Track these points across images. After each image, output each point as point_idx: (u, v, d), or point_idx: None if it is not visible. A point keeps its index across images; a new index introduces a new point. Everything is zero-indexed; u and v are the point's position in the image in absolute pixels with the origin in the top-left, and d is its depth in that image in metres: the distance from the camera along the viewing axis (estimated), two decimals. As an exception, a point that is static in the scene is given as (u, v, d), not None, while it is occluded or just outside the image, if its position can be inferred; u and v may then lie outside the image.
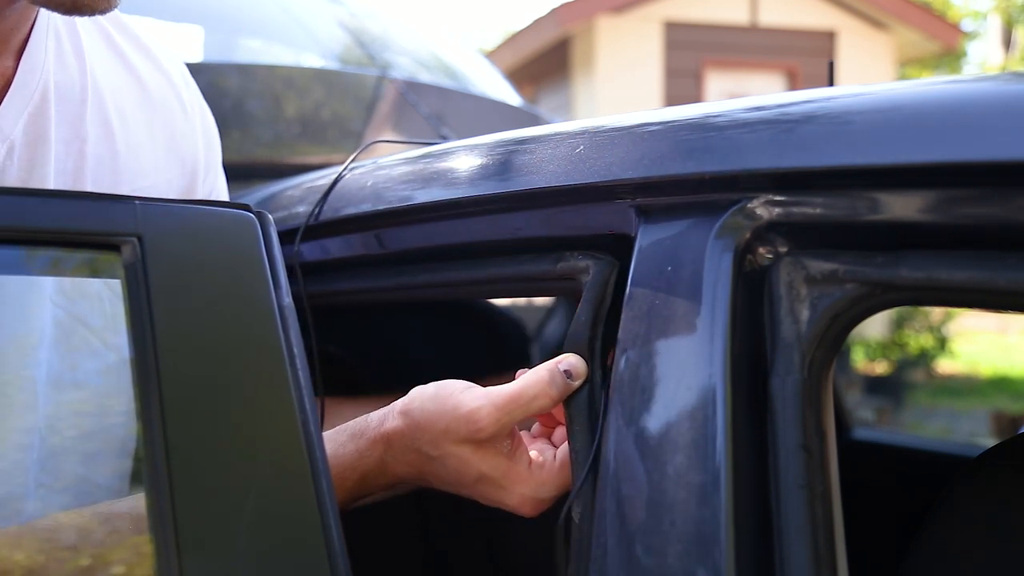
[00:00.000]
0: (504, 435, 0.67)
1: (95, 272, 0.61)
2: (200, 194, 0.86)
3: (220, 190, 0.91)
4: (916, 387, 6.99)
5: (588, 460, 0.63)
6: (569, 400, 0.66)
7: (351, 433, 0.71)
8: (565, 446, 0.69)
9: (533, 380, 0.66)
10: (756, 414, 0.57)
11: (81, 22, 0.76)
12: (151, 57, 0.82)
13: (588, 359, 0.67)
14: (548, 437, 0.74)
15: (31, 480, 0.59)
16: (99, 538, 0.57)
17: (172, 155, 0.82)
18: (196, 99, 0.87)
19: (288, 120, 1.60)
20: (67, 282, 0.63)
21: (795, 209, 0.58)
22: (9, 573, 0.53)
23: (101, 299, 0.64)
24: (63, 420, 0.62)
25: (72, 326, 0.63)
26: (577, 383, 0.66)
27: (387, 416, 0.70)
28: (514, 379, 0.68)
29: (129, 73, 0.80)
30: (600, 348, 0.67)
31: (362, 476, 0.70)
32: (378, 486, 0.72)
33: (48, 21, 0.72)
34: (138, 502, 0.53)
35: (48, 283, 0.63)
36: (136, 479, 0.60)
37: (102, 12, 0.64)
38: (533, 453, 0.69)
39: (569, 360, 0.66)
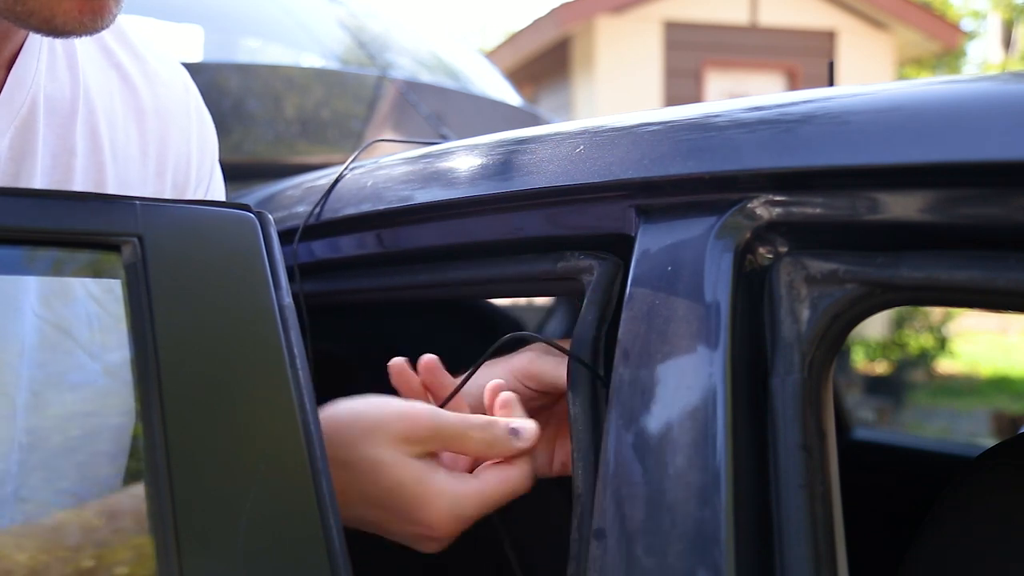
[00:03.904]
0: (425, 451, 0.65)
1: (95, 272, 0.61)
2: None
3: (213, 196, 0.90)
4: (916, 387, 6.99)
5: (590, 460, 0.63)
6: (571, 400, 0.66)
7: None
8: (486, 469, 0.67)
9: (478, 423, 0.65)
10: (756, 414, 0.57)
11: None
12: (148, 65, 0.82)
13: (593, 359, 0.66)
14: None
15: (9, 491, 0.59)
16: (101, 537, 0.57)
17: (164, 167, 0.81)
18: (194, 106, 0.86)
19: (288, 120, 1.60)
20: (48, 288, 0.63)
21: (795, 209, 0.58)
22: (11, 573, 0.53)
23: (84, 305, 0.63)
24: (43, 427, 0.61)
25: (52, 333, 0.63)
26: (522, 445, 0.65)
27: None
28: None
29: (124, 83, 0.79)
30: (605, 348, 0.67)
31: None
32: None
33: None
34: (139, 501, 0.53)
35: (29, 289, 0.63)
36: (122, 484, 0.60)
37: (88, 33, 0.62)
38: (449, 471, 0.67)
39: (524, 423, 0.65)
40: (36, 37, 0.71)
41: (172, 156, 0.82)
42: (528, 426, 0.65)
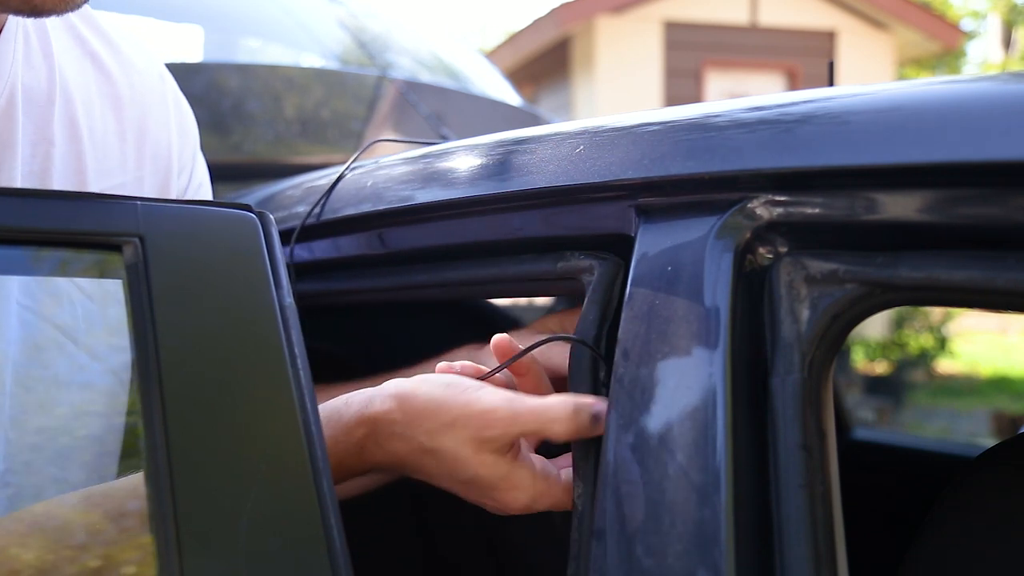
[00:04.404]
0: (508, 443, 0.65)
1: (97, 273, 0.61)
2: (175, 190, 0.85)
3: (197, 185, 0.90)
4: (916, 387, 7.00)
5: (590, 460, 0.63)
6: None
7: (325, 417, 0.68)
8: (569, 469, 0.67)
9: (559, 405, 0.63)
10: (756, 414, 0.57)
11: (50, 22, 0.75)
12: (122, 54, 0.82)
13: (594, 359, 0.66)
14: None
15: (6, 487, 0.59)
16: (101, 537, 0.57)
17: (143, 154, 0.81)
18: (171, 94, 0.86)
19: (288, 120, 1.60)
20: (33, 282, 0.63)
21: (795, 209, 0.58)
22: (12, 572, 0.53)
23: (72, 300, 0.63)
24: (30, 421, 0.61)
25: (40, 326, 0.63)
26: (600, 431, 0.62)
27: (374, 398, 0.67)
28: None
29: (99, 72, 0.79)
30: (606, 347, 0.67)
31: (336, 463, 0.67)
32: (352, 472, 0.69)
33: (17, 22, 0.71)
34: (140, 500, 0.53)
35: (14, 283, 0.63)
36: (113, 478, 0.60)
37: (65, 11, 0.62)
38: (537, 462, 0.67)
39: (600, 406, 0.63)
40: (11, 27, 0.70)
41: (151, 143, 0.82)
42: (604, 412, 0.63)
